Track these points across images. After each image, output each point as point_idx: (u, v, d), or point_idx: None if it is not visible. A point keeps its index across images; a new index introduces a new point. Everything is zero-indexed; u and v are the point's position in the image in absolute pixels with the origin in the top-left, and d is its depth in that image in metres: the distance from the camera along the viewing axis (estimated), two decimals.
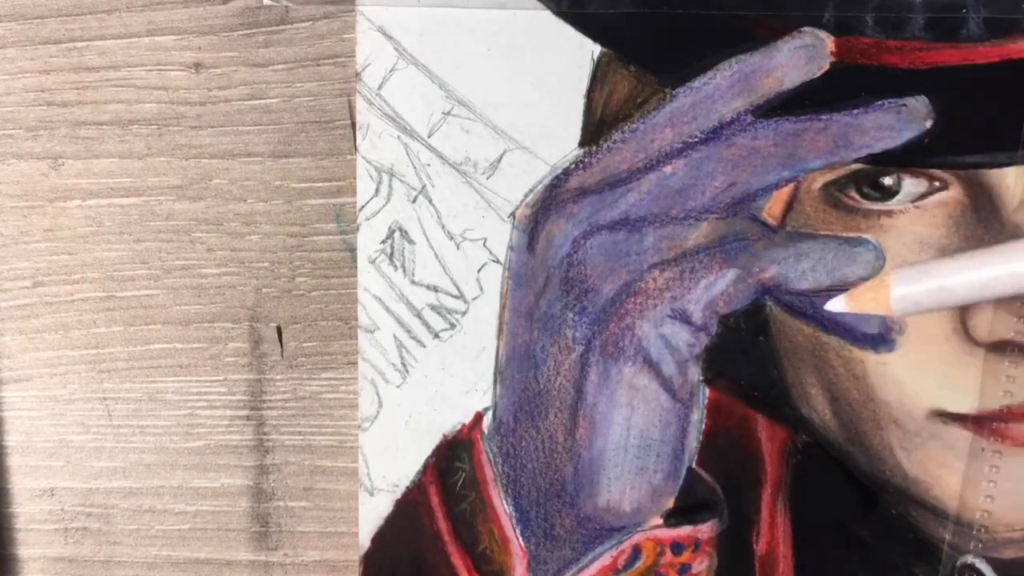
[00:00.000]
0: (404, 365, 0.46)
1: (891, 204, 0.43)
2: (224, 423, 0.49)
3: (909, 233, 0.43)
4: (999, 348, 0.44)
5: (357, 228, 0.45)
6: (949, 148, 0.42)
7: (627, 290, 0.45)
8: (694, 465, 0.46)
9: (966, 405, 0.44)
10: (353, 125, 0.45)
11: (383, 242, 0.45)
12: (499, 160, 0.44)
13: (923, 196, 0.43)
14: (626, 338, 0.45)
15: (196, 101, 0.45)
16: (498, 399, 0.46)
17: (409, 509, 0.47)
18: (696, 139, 0.43)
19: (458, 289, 0.46)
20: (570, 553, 0.47)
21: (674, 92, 0.43)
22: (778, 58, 0.42)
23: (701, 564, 0.47)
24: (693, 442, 0.46)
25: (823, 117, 0.42)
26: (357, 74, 0.44)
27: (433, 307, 0.46)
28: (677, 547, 0.47)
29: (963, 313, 0.43)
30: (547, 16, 0.43)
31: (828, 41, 0.42)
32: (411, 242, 0.45)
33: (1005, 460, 0.45)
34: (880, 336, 0.44)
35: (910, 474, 0.45)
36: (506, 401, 0.46)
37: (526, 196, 0.44)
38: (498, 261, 0.45)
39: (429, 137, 0.44)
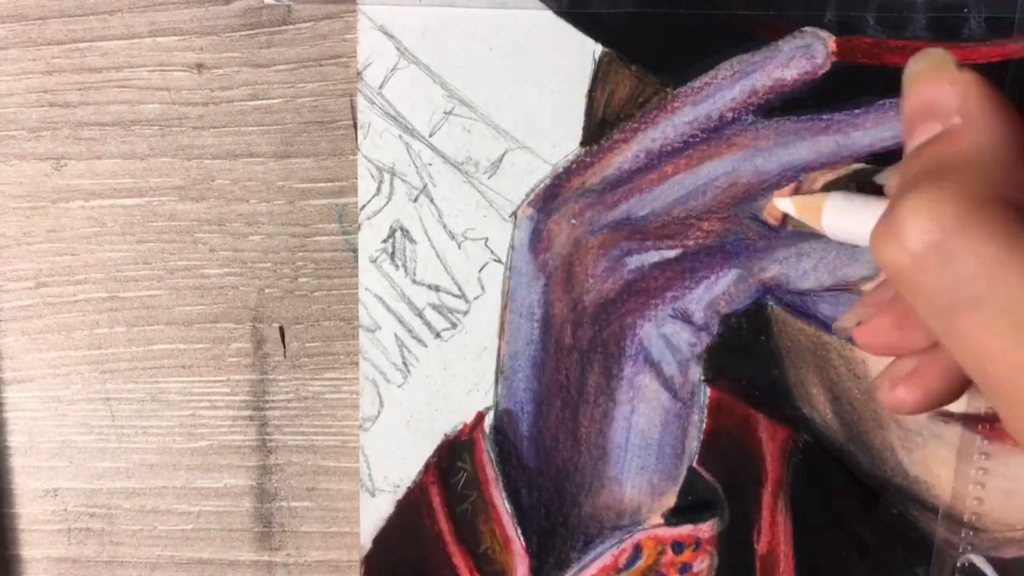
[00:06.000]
0: (405, 365, 0.46)
1: None
2: (227, 423, 0.49)
3: None
4: None
5: (359, 228, 0.45)
6: None
7: (628, 289, 0.45)
8: (695, 464, 0.46)
9: (968, 404, 0.44)
10: (355, 125, 0.45)
11: (384, 241, 0.45)
12: (500, 159, 0.44)
13: None
14: (627, 338, 0.45)
15: (198, 102, 0.45)
16: (500, 399, 0.46)
17: (410, 510, 0.47)
18: (697, 139, 0.43)
19: (459, 288, 0.46)
20: (571, 552, 0.47)
21: (675, 92, 0.43)
22: (779, 58, 0.42)
23: (702, 563, 0.47)
24: (694, 441, 0.46)
25: (824, 117, 0.42)
26: (358, 73, 0.44)
27: (434, 306, 0.46)
28: (678, 546, 0.47)
29: None
30: (549, 16, 0.43)
31: (829, 41, 0.42)
32: (412, 241, 0.45)
33: (1004, 459, 0.45)
34: None
35: (911, 473, 0.45)
36: (507, 401, 0.46)
37: (527, 195, 0.44)
38: (499, 260, 0.45)
39: (430, 136, 0.44)
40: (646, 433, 0.46)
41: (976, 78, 0.31)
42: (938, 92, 0.31)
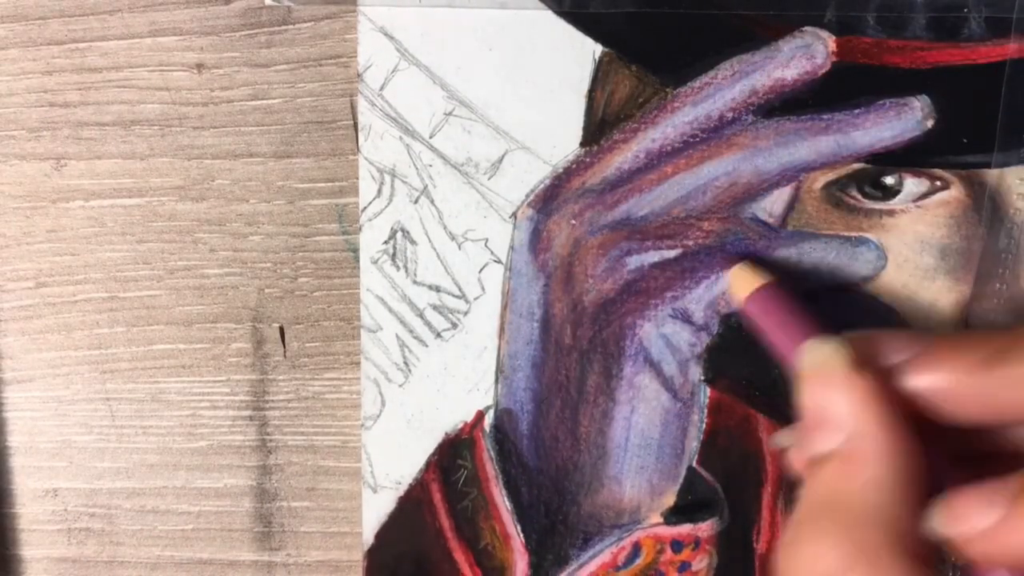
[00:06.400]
0: (407, 364, 0.46)
1: (893, 204, 0.43)
2: (227, 423, 0.49)
3: (911, 232, 0.43)
4: None
5: (359, 229, 0.45)
6: (950, 148, 0.42)
7: (628, 289, 0.45)
8: (695, 464, 0.46)
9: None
10: (355, 126, 0.45)
11: (385, 242, 0.45)
12: (500, 160, 0.44)
13: (925, 196, 0.43)
14: (627, 337, 0.45)
15: (198, 102, 0.45)
16: (499, 398, 0.46)
17: (411, 506, 0.48)
18: (697, 139, 0.43)
19: (460, 289, 0.46)
20: (571, 550, 0.47)
21: (675, 92, 0.43)
22: (779, 58, 0.42)
23: (701, 562, 0.47)
24: (693, 441, 0.46)
25: (824, 117, 0.42)
26: (359, 74, 0.44)
27: (435, 307, 0.46)
28: (677, 545, 0.47)
29: (966, 316, 0.44)
30: (549, 16, 0.43)
31: (829, 41, 0.42)
32: (413, 242, 0.45)
33: None
34: None
35: None
36: (507, 400, 0.46)
37: (527, 196, 0.44)
38: (500, 261, 0.45)
39: (431, 137, 0.44)
40: (646, 433, 0.46)
41: (866, 389, 0.30)
42: (830, 399, 0.30)
